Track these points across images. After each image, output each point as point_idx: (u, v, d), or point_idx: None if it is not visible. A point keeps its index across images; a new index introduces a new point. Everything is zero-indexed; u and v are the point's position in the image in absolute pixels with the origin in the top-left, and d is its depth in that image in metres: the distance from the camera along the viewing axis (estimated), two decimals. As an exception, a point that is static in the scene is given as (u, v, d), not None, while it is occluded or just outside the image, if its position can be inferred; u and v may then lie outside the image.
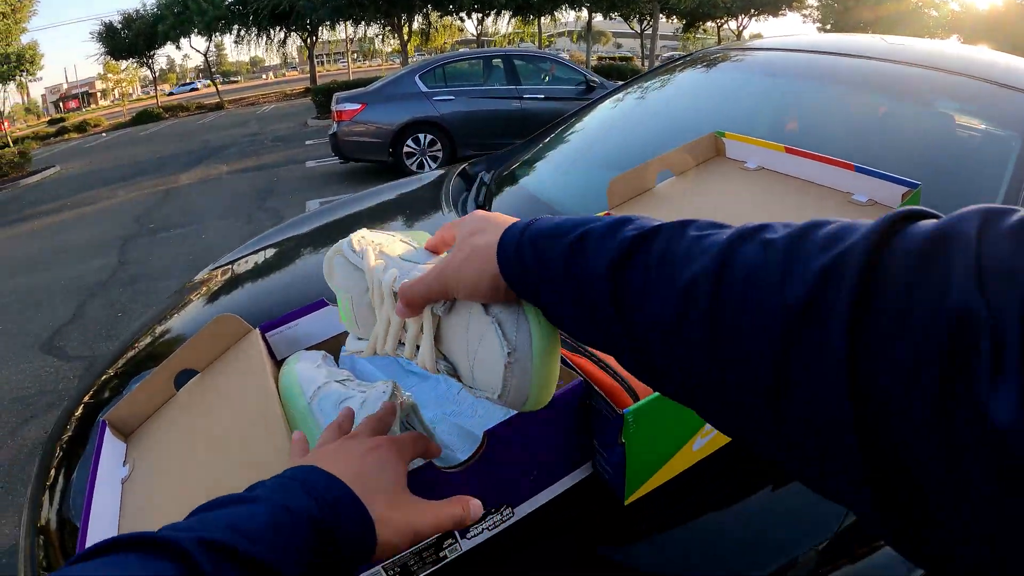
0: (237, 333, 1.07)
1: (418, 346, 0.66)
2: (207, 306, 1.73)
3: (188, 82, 70.35)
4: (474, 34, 29.65)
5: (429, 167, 8.13)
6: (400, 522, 0.59)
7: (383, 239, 0.76)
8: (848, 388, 0.32)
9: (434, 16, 27.85)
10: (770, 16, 30.89)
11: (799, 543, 0.83)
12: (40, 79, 28.28)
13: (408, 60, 23.30)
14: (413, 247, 0.74)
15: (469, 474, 0.75)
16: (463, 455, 0.83)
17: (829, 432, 0.33)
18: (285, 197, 8.28)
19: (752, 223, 0.43)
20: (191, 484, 0.84)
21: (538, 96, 8.54)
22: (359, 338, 0.76)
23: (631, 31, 32.08)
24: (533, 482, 0.83)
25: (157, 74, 34.69)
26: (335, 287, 0.78)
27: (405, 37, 24.83)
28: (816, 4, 29.93)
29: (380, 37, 29.18)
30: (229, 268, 2.00)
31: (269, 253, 2.02)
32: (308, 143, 12.75)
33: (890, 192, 0.99)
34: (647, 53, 27.53)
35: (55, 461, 1.27)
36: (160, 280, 5.61)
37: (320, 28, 26.76)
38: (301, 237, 2.10)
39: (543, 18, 28.82)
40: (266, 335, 1.06)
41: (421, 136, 8.24)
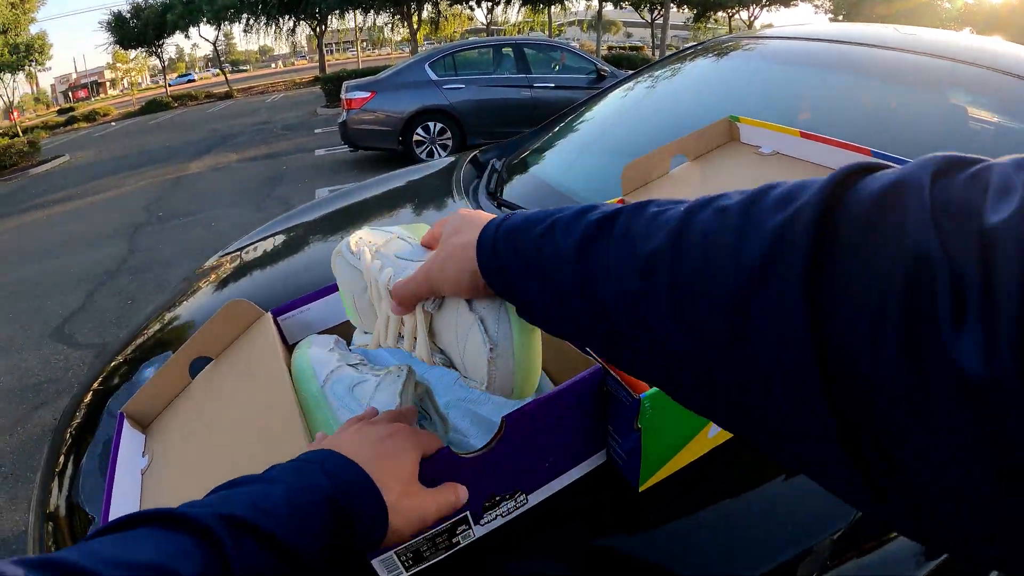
0: (249, 318, 1.05)
1: (416, 339, 0.69)
2: (216, 292, 1.72)
3: (185, 73, 70.28)
4: (484, 23, 29.65)
5: (439, 155, 8.10)
6: (410, 510, 0.60)
7: (380, 238, 0.78)
8: (810, 345, 0.32)
9: (444, 5, 27.89)
10: (781, 7, 30.78)
11: (814, 532, 0.81)
12: (49, 69, 28.50)
13: (417, 49, 23.30)
14: (409, 244, 0.76)
15: (486, 460, 0.73)
16: (476, 441, 0.85)
17: (793, 392, 0.33)
18: (294, 185, 8.27)
19: (710, 195, 0.43)
20: (210, 472, 0.83)
21: (548, 85, 8.48)
22: (364, 332, 0.80)
23: (642, 21, 32.03)
24: (548, 468, 0.82)
25: (166, 63, 34.72)
26: (339, 285, 0.82)
27: (414, 26, 24.86)
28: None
29: (389, 26, 29.22)
30: (238, 255, 1.99)
31: (278, 240, 2.01)
32: (317, 131, 12.74)
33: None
34: (658, 43, 27.46)
35: (64, 448, 1.26)
36: (170, 268, 5.62)
37: (329, 17, 26.75)
38: (310, 224, 2.09)
39: (553, 7, 28.77)
40: (278, 319, 1.05)
41: (431, 124, 8.21)
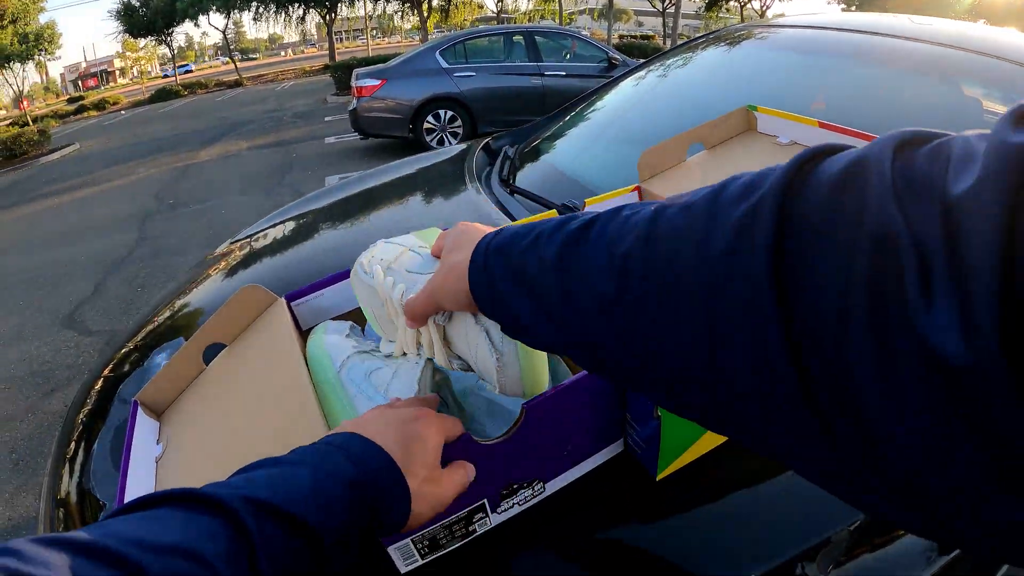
0: (263, 303, 1.04)
1: (433, 348, 0.72)
2: (227, 279, 1.71)
3: (183, 64, 70.13)
4: (494, 11, 29.60)
5: (449, 143, 8.07)
6: (432, 495, 0.61)
7: (392, 253, 0.79)
8: (780, 333, 0.31)
9: (454, -8, 27.80)
10: (794, -6, 30.55)
11: (832, 522, 0.80)
12: (59, 58, 28.57)
13: (428, 37, 23.26)
14: (420, 256, 0.77)
15: (505, 447, 0.73)
16: (491, 429, 0.84)
17: (767, 383, 0.33)
18: (304, 173, 8.26)
19: (681, 194, 0.43)
20: (224, 459, 0.82)
21: (559, 73, 8.43)
22: (389, 341, 0.81)
23: (653, 9, 31.82)
24: (567, 457, 0.82)
25: (175, 52, 34.75)
26: (359, 301, 0.84)
27: (424, 14, 24.81)
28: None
29: (399, 14, 29.19)
30: (248, 242, 1.98)
31: (289, 227, 2.00)
32: (327, 119, 12.73)
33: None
34: (669, 32, 27.34)
35: (75, 434, 1.26)
36: (180, 255, 5.62)
37: (339, 5, 26.74)
38: (320, 211, 2.08)
39: (563, -5, 28.67)
40: (291, 305, 1.03)
41: (441, 112, 8.18)
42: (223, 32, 31.98)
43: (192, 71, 61.48)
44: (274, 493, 0.47)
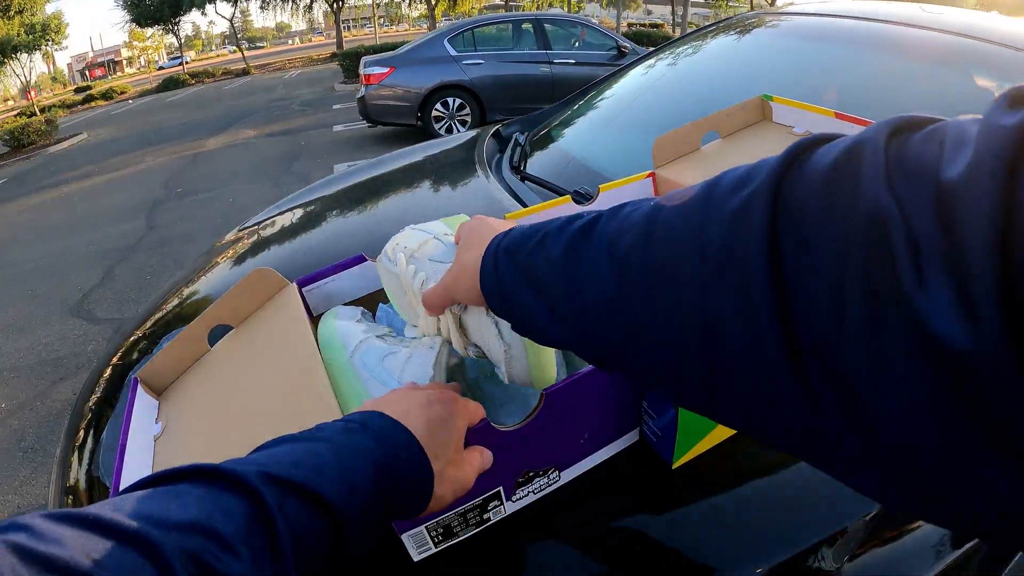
0: (273, 287, 1.03)
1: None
2: (235, 266, 1.71)
3: (176, 56, 69.82)
4: (502, -1, 29.50)
5: (458, 131, 8.07)
6: (453, 479, 0.61)
7: (416, 241, 0.81)
8: (777, 323, 0.32)
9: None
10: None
11: (848, 513, 0.79)
12: (66, 48, 28.58)
13: (436, 25, 23.22)
14: (443, 244, 0.79)
15: (523, 434, 0.72)
16: (502, 417, 0.83)
17: (763, 372, 0.33)
18: (312, 161, 8.26)
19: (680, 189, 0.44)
20: (226, 440, 0.81)
21: (568, 61, 8.38)
22: (413, 325, 0.85)
23: (661, -4, 31.66)
24: (583, 445, 0.81)
25: (183, 41, 34.78)
26: (384, 287, 0.89)
27: (432, 1, 24.75)
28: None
29: (407, 1, 29.14)
30: (257, 230, 1.98)
31: (297, 214, 2.00)
32: (335, 107, 12.72)
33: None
34: (678, 20, 27.24)
35: (84, 422, 1.26)
36: (188, 243, 5.63)
37: (346, -8, 26.69)
38: (328, 198, 2.07)
39: (571, -18, 28.58)
40: (302, 290, 1.02)
41: (450, 100, 8.15)
42: (230, 20, 31.98)
43: (188, 62, 60.92)
44: (296, 470, 0.47)
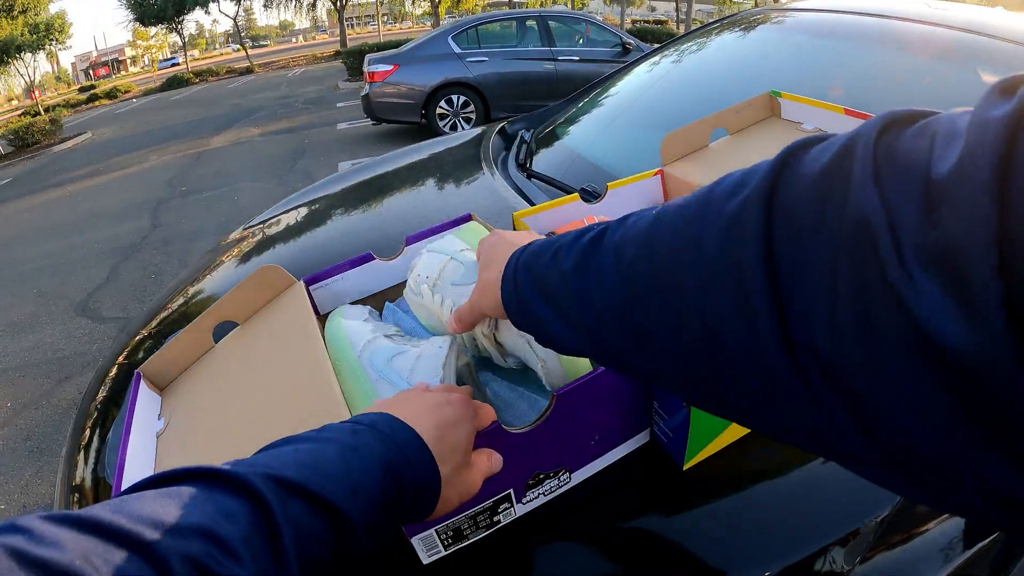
0: (280, 285, 1.02)
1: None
2: (241, 265, 1.71)
3: (170, 57, 69.65)
4: (505, -4, 29.48)
5: (462, 129, 8.03)
6: (461, 484, 0.60)
7: (435, 267, 0.86)
8: (775, 326, 0.32)
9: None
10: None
11: (860, 514, 0.78)
12: (69, 47, 28.69)
13: (439, 22, 23.21)
14: (463, 265, 0.84)
15: (534, 435, 0.71)
16: (511, 418, 0.83)
17: (766, 375, 0.34)
18: (317, 159, 8.26)
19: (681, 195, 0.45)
20: (229, 439, 0.80)
21: (573, 58, 8.37)
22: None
23: (665, -7, 31.62)
24: (594, 446, 0.81)
25: (186, 40, 34.82)
26: (416, 316, 0.94)
27: (436, -1, 24.73)
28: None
29: (410, -1, 29.11)
30: (262, 228, 1.98)
31: (302, 213, 1.99)
32: (339, 105, 12.71)
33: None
34: (682, 17, 27.19)
35: (90, 421, 1.26)
36: (193, 242, 5.63)
37: (350, -10, 26.69)
38: (333, 196, 2.07)
39: (574, -21, 28.54)
40: (309, 288, 1.01)
41: (454, 97, 8.15)
42: (234, 19, 32.02)
43: (178, 63, 60.38)
44: (300, 472, 0.46)
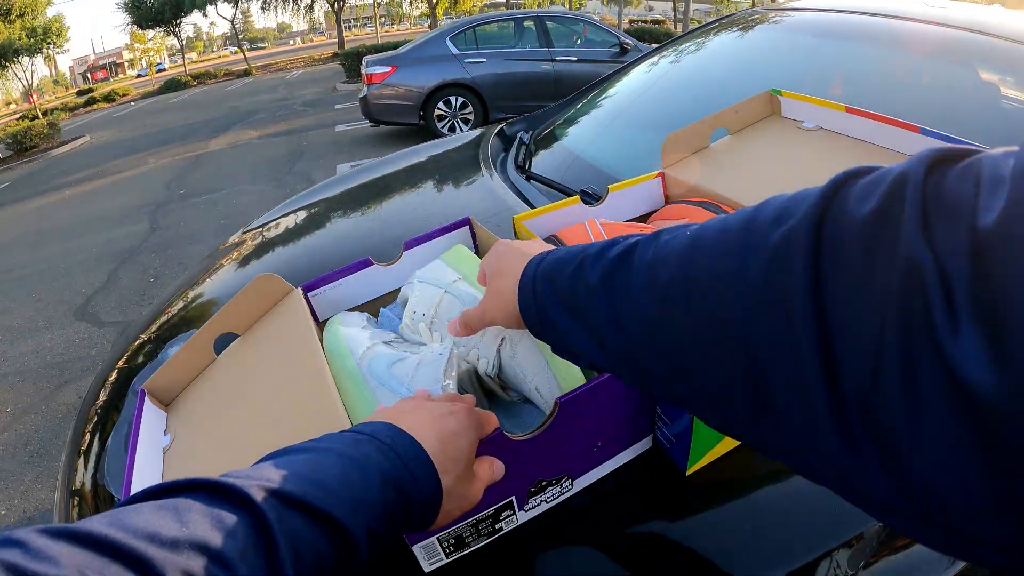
0: (278, 293, 1.01)
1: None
2: (240, 269, 1.71)
3: (159, 62, 69.63)
4: (503, -3, 29.49)
5: (461, 130, 8.05)
6: (462, 495, 0.59)
7: (429, 302, 0.87)
8: (821, 367, 0.32)
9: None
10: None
11: (866, 517, 0.77)
12: (67, 51, 28.69)
13: (437, 23, 23.22)
14: (457, 299, 0.86)
15: (537, 443, 0.70)
16: (512, 427, 0.83)
17: (806, 412, 0.33)
18: (315, 161, 8.27)
19: (716, 217, 0.44)
20: (235, 452, 0.80)
21: (571, 59, 8.38)
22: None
23: (662, -7, 31.63)
24: (597, 453, 0.80)
25: (184, 42, 34.83)
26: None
27: (433, 0, 24.73)
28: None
29: (408, 0, 29.14)
30: (261, 232, 1.98)
31: (301, 216, 1.99)
32: (337, 107, 12.72)
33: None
34: (680, 16, 27.20)
35: (89, 426, 1.26)
36: (192, 245, 5.63)
37: (347, -8, 26.69)
38: (332, 199, 2.07)
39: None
40: (307, 295, 1.01)
41: (452, 99, 8.15)
42: (231, 21, 32.01)
43: (165, 69, 60.17)
44: (299, 484, 0.45)
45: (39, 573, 0.32)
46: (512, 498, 0.74)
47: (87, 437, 1.23)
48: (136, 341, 1.50)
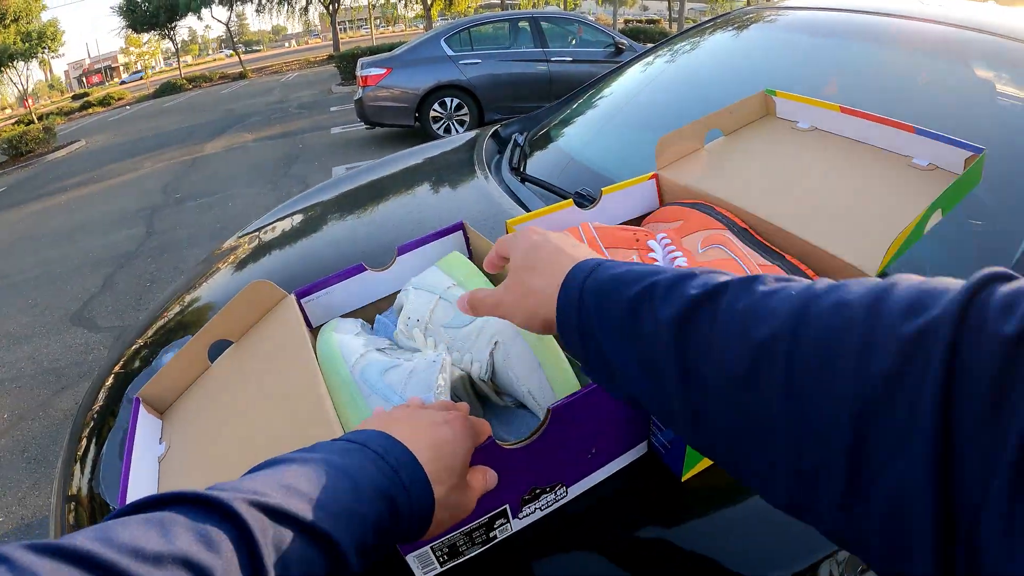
0: (272, 299, 1.01)
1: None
2: (236, 273, 1.70)
3: (137, 71, 69.27)
4: (498, -2, 29.48)
5: (456, 131, 8.07)
6: (455, 505, 0.58)
7: (424, 308, 0.87)
8: (933, 470, 0.30)
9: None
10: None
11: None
12: (62, 55, 28.71)
13: (432, 25, 23.22)
14: (452, 306, 0.85)
15: (530, 450, 0.70)
16: (505, 433, 0.82)
17: (905, 513, 0.32)
18: (311, 164, 8.28)
19: (824, 281, 0.42)
20: (230, 460, 0.79)
21: (566, 59, 8.39)
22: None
23: (657, -8, 31.66)
24: (591, 460, 0.79)
25: (179, 46, 34.84)
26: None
27: (428, 1, 24.74)
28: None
29: (403, 2, 29.15)
30: (256, 235, 1.97)
31: (297, 219, 1.99)
32: (333, 109, 12.72)
33: (952, 156, 0.92)
34: (675, 16, 27.21)
35: (86, 431, 1.26)
36: (188, 249, 5.63)
37: (342, -6, 26.70)
38: (328, 203, 2.06)
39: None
40: (301, 301, 1.00)
41: (448, 100, 8.17)
42: (226, 24, 31.97)
43: (142, 78, 59.45)
44: (286, 496, 0.45)
45: None
46: (506, 506, 0.73)
47: (83, 443, 1.22)
48: (132, 347, 1.49)
